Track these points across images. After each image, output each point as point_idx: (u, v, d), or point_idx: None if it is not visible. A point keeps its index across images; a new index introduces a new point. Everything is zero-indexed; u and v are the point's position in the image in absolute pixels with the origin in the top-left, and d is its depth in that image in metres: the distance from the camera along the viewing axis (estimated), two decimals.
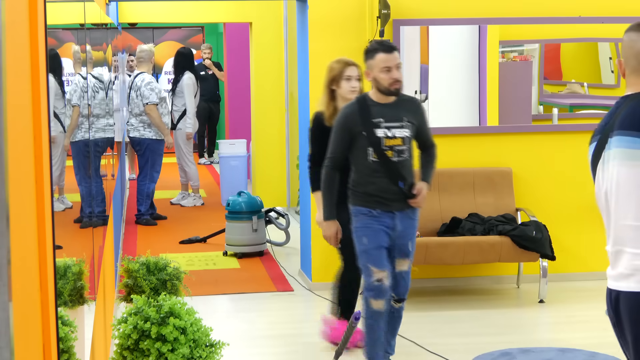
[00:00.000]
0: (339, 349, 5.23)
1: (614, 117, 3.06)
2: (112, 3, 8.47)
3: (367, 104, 5.02)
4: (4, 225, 1.33)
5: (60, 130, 2.62)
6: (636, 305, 2.96)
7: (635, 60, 3.04)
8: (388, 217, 5.00)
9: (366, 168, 4.99)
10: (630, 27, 3.10)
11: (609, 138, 3.06)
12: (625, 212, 3.02)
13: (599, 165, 3.11)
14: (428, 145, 5.23)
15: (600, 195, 3.12)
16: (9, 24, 1.45)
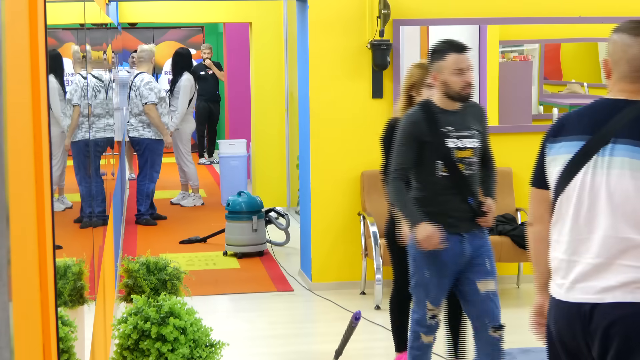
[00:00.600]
0: (339, 348, 5.23)
1: (616, 122, 2.93)
2: (112, 3, 8.47)
3: (433, 111, 4.43)
4: (4, 225, 1.33)
5: (62, 131, 2.62)
6: (633, 316, 2.86)
7: (628, 66, 2.96)
8: (456, 241, 4.42)
9: (434, 184, 4.42)
10: (621, 27, 3.02)
11: (611, 143, 2.91)
12: (629, 224, 2.89)
13: (584, 167, 2.96)
14: (488, 157, 4.65)
15: (573, 199, 2.98)
16: (9, 24, 1.45)
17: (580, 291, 2.93)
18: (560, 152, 3.03)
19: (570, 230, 2.98)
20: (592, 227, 2.93)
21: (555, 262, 3.03)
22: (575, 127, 3.01)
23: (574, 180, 2.98)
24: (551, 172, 3.07)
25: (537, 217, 3.15)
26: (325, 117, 7.13)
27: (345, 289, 7.12)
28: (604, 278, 2.89)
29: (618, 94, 3.00)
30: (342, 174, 7.16)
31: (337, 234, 7.17)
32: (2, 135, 1.32)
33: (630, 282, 2.86)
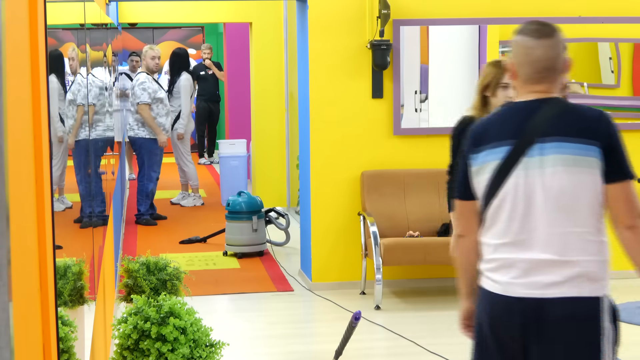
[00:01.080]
0: (339, 348, 5.23)
1: (537, 122, 3.03)
2: (112, 3, 8.47)
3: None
4: (4, 225, 1.33)
5: (63, 130, 2.62)
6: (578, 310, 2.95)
7: (532, 68, 3.05)
8: None
9: None
10: (522, 29, 3.10)
11: (537, 144, 3.00)
12: (570, 219, 2.99)
13: (514, 171, 3.02)
14: None
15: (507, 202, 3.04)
16: (9, 24, 1.45)
17: (524, 287, 2.99)
18: (486, 161, 3.08)
19: (507, 231, 3.05)
20: (531, 225, 3.01)
21: (493, 263, 3.09)
22: (496, 134, 3.08)
23: (506, 185, 3.04)
24: (479, 181, 3.12)
25: (467, 228, 3.19)
26: (325, 117, 7.13)
27: (345, 289, 7.12)
28: (549, 273, 2.96)
29: (528, 95, 3.09)
30: (342, 174, 7.16)
31: (337, 234, 7.17)
32: (2, 135, 1.32)
33: (576, 276, 2.96)
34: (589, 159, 3.01)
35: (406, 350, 5.68)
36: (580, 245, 3.00)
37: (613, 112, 8.14)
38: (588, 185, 3.00)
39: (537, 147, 3.02)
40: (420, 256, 6.64)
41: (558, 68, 3.08)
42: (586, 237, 3.01)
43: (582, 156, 3.01)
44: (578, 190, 3.00)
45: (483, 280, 3.14)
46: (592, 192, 3.01)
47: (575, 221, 3.00)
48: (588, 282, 2.98)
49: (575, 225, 3.00)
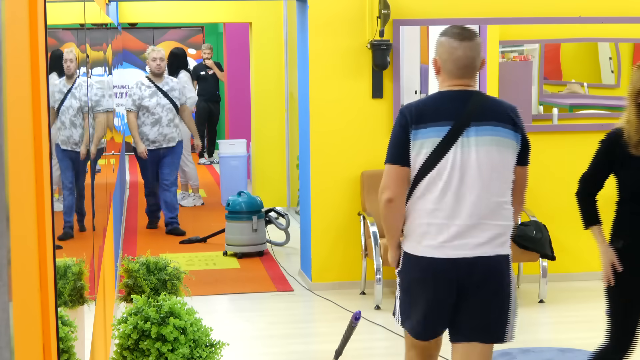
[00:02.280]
0: (339, 348, 5.23)
1: (471, 109, 3.59)
2: (112, 3, 8.47)
3: None
4: (4, 225, 1.33)
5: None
6: (496, 265, 3.59)
7: (454, 65, 3.61)
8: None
9: None
10: (447, 32, 3.66)
11: (473, 126, 3.57)
12: (495, 190, 3.58)
13: (452, 148, 3.56)
14: None
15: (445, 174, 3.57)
16: (9, 24, 1.45)
17: (455, 248, 3.57)
18: (428, 136, 3.59)
19: (442, 199, 3.59)
20: (463, 195, 3.57)
21: (424, 227, 3.61)
22: (435, 115, 3.62)
23: (445, 159, 3.58)
24: (417, 153, 3.62)
25: (398, 193, 3.66)
26: (325, 117, 7.13)
27: (345, 289, 7.12)
28: (476, 236, 3.57)
29: (453, 87, 3.66)
30: (342, 174, 7.16)
31: (337, 234, 7.17)
32: (2, 135, 1.32)
33: (496, 236, 3.59)
34: (512, 142, 3.64)
35: None
36: (500, 212, 3.62)
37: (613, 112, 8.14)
38: (509, 164, 3.64)
39: (472, 129, 3.58)
40: None
41: (476, 66, 3.65)
42: (504, 206, 3.63)
43: (508, 139, 3.62)
44: (502, 166, 3.62)
45: (415, 245, 3.66)
46: (510, 170, 3.66)
47: (497, 192, 3.61)
48: (503, 243, 3.63)
49: (497, 195, 3.61)
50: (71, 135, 2.78)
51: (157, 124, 9.18)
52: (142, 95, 9.16)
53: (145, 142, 9.17)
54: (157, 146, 9.23)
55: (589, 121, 7.89)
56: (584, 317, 6.44)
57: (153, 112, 9.15)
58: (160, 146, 9.24)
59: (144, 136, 9.16)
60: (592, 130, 7.39)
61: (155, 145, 9.22)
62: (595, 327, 6.20)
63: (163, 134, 9.20)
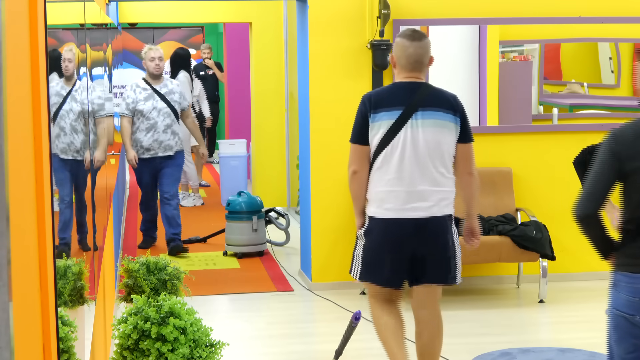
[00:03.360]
0: (339, 348, 5.23)
1: (418, 97, 4.44)
2: (112, 3, 8.47)
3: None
4: (4, 225, 1.33)
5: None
6: (443, 223, 4.47)
7: (406, 61, 4.48)
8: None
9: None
10: (401, 34, 4.51)
11: (419, 111, 4.43)
12: (437, 163, 4.45)
13: (403, 128, 4.42)
14: None
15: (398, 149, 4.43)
16: (9, 24, 1.45)
17: (409, 210, 4.44)
18: (383, 119, 4.46)
19: (396, 170, 4.45)
20: (413, 166, 4.44)
21: (383, 194, 4.49)
22: (389, 102, 4.47)
23: (397, 137, 4.44)
24: (375, 132, 4.47)
25: (361, 166, 4.56)
26: (325, 117, 7.13)
27: (345, 289, 7.12)
28: (426, 200, 4.44)
29: (406, 79, 4.51)
30: (342, 174, 7.15)
31: (337, 234, 7.17)
32: (2, 135, 1.32)
33: (441, 200, 4.45)
34: (452, 124, 4.49)
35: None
36: (442, 181, 4.47)
37: (613, 112, 8.14)
38: (449, 141, 4.49)
39: (419, 113, 4.44)
40: None
41: (425, 62, 4.51)
42: (445, 175, 4.49)
43: (448, 121, 4.47)
44: (443, 144, 4.47)
45: (376, 209, 4.51)
46: (451, 147, 4.50)
47: (439, 165, 4.47)
48: (448, 205, 4.49)
49: (440, 167, 4.47)
50: (72, 142, 2.64)
51: (152, 130, 8.25)
52: (136, 99, 8.27)
53: (140, 149, 8.29)
54: (152, 154, 8.31)
55: (589, 121, 7.89)
56: (584, 317, 6.44)
57: (148, 116, 8.24)
58: (156, 154, 8.30)
59: (137, 143, 8.29)
60: (592, 130, 7.39)
61: (150, 153, 8.31)
62: (595, 327, 6.19)
63: (158, 141, 8.27)
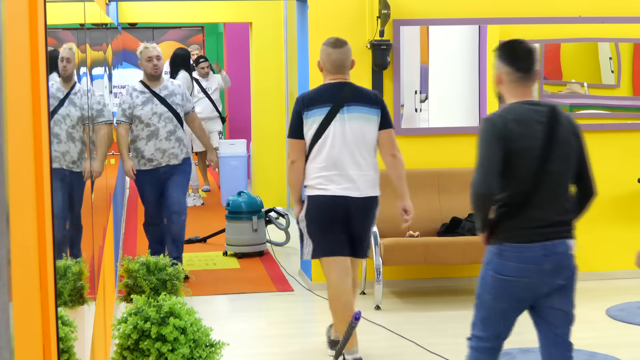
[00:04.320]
0: (338, 348, 5.22)
1: (344, 95, 5.29)
2: (112, 3, 8.47)
3: None
4: (4, 225, 1.33)
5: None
6: (370, 203, 5.30)
7: (331, 65, 5.38)
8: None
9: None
10: (326, 42, 5.47)
11: (345, 106, 5.26)
12: (363, 150, 5.26)
13: (332, 122, 5.23)
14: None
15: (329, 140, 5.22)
16: (9, 24, 1.45)
17: (342, 190, 5.22)
18: (315, 115, 5.26)
19: (328, 158, 5.23)
20: (343, 154, 5.23)
21: (319, 179, 5.24)
22: (319, 100, 5.28)
23: (328, 130, 5.24)
24: (309, 127, 5.25)
25: (298, 157, 5.31)
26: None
27: None
28: (355, 182, 5.23)
29: (332, 80, 5.37)
30: None
31: None
32: (2, 135, 1.32)
33: (368, 182, 5.28)
34: (374, 116, 5.32)
35: (406, 350, 5.68)
36: (369, 165, 5.30)
37: (613, 112, 8.14)
38: (372, 131, 5.31)
39: (345, 108, 5.28)
40: (420, 256, 6.63)
41: (347, 65, 5.41)
42: (370, 161, 5.31)
43: (370, 114, 5.31)
44: (367, 133, 5.29)
45: (315, 190, 5.26)
46: (373, 135, 5.32)
47: (365, 152, 5.29)
48: (373, 187, 5.33)
49: (365, 154, 5.29)
50: (68, 151, 2.42)
51: (153, 138, 7.27)
52: (133, 104, 7.31)
53: (141, 160, 7.31)
54: (155, 165, 7.32)
55: (589, 121, 7.89)
56: (584, 317, 6.44)
57: (148, 123, 7.27)
58: (159, 165, 7.32)
59: (138, 153, 7.31)
60: (592, 130, 7.39)
61: (153, 164, 7.32)
62: (595, 327, 6.19)
63: (161, 149, 7.29)
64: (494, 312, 3.98)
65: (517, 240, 3.86)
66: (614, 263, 7.49)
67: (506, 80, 4.03)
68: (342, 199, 5.22)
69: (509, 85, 4.04)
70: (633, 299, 6.83)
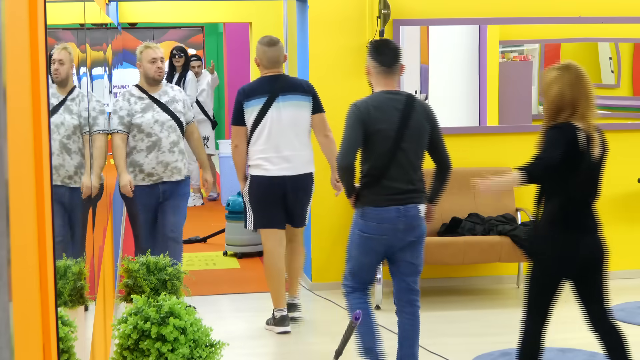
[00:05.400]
0: (338, 348, 5.22)
1: (280, 85, 6.05)
2: (112, 3, 8.47)
3: None
4: (4, 225, 1.33)
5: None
6: (305, 179, 6.05)
7: (267, 61, 6.13)
8: None
9: None
10: (261, 41, 6.17)
11: (280, 96, 6.02)
12: (298, 133, 6.01)
13: (269, 109, 5.97)
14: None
15: (267, 126, 5.96)
16: (9, 24, 1.45)
17: (283, 170, 5.97)
18: (254, 105, 6.01)
19: (266, 141, 5.96)
20: (280, 138, 5.98)
21: (259, 160, 5.97)
22: (258, 91, 6.04)
23: (265, 117, 5.97)
24: (249, 115, 5.99)
25: (240, 141, 6.04)
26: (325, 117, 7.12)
27: None
28: (293, 162, 5.99)
29: (268, 74, 6.12)
30: None
31: (337, 234, 7.17)
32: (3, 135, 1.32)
33: (303, 161, 6.04)
34: (306, 102, 6.07)
35: None
36: (303, 146, 6.04)
37: (613, 112, 8.14)
38: (305, 116, 6.07)
39: (280, 97, 6.03)
40: None
41: (280, 60, 6.16)
42: (304, 142, 6.06)
43: (302, 101, 6.06)
44: (300, 118, 6.04)
45: (256, 170, 5.99)
46: (307, 120, 6.08)
47: (299, 135, 6.02)
48: (308, 164, 6.07)
49: (300, 136, 6.04)
50: (62, 164, 2.19)
51: (155, 149, 6.33)
52: (131, 110, 6.35)
53: (139, 175, 6.33)
54: (154, 180, 6.36)
55: None
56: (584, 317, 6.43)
57: (149, 132, 6.32)
58: (160, 180, 6.37)
59: (135, 167, 6.33)
60: None
61: (153, 179, 6.36)
62: None
63: (164, 162, 6.35)
64: (361, 263, 4.84)
65: (376, 204, 4.69)
66: (614, 263, 7.46)
67: (373, 72, 4.78)
68: (279, 179, 5.96)
69: (375, 77, 4.79)
70: (633, 299, 6.83)
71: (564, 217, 4.24)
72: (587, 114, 4.20)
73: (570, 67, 4.25)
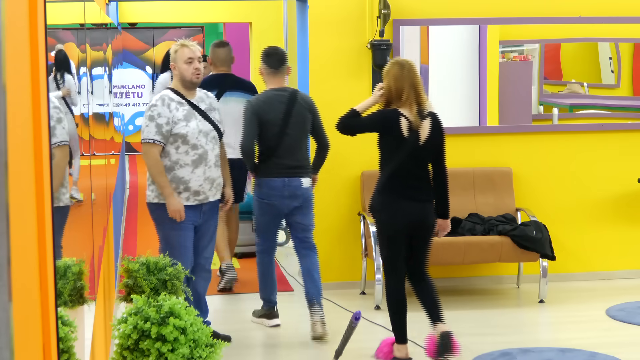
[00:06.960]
0: (339, 348, 5.23)
1: (227, 83, 7.04)
2: (112, 3, 8.47)
3: None
4: (4, 225, 1.33)
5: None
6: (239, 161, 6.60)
7: (218, 61, 7.11)
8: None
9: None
10: (214, 44, 7.20)
11: (227, 92, 6.97)
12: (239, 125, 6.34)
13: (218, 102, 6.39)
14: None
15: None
16: (9, 24, 1.45)
17: (229, 154, 6.39)
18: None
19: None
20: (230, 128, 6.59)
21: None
22: (210, 87, 6.43)
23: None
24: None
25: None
26: (325, 117, 7.12)
27: (345, 289, 7.12)
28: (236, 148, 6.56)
29: (219, 72, 7.07)
30: (342, 174, 7.16)
31: (337, 234, 7.17)
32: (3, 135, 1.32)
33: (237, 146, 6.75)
34: (249, 98, 6.39)
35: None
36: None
37: (613, 112, 8.14)
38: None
39: (227, 93, 7.01)
40: None
41: (229, 60, 7.09)
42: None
43: (245, 98, 6.72)
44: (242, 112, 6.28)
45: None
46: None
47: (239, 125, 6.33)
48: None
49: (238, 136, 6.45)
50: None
51: (202, 163, 5.53)
52: (173, 118, 5.48)
53: (184, 193, 5.51)
54: (201, 200, 5.57)
55: (589, 121, 7.89)
56: (584, 317, 6.44)
57: (194, 144, 5.50)
58: (206, 199, 5.59)
59: (180, 184, 5.50)
60: (592, 130, 7.39)
61: (199, 198, 5.56)
62: (595, 327, 6.20)
63: (210, 179, 5.58)
64: (259, 223, 6.09)
65: (268, 176, 5.95)
66: (614, 263, 7.49)
67: (265, 73, 6.26)
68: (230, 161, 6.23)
69: (266, 77, 6.25)
70: (633, 299, 6.83)
71: (390, 187, 5.16)
72: (413, 103, 5.28)
73: (399, 62, 5.44)
